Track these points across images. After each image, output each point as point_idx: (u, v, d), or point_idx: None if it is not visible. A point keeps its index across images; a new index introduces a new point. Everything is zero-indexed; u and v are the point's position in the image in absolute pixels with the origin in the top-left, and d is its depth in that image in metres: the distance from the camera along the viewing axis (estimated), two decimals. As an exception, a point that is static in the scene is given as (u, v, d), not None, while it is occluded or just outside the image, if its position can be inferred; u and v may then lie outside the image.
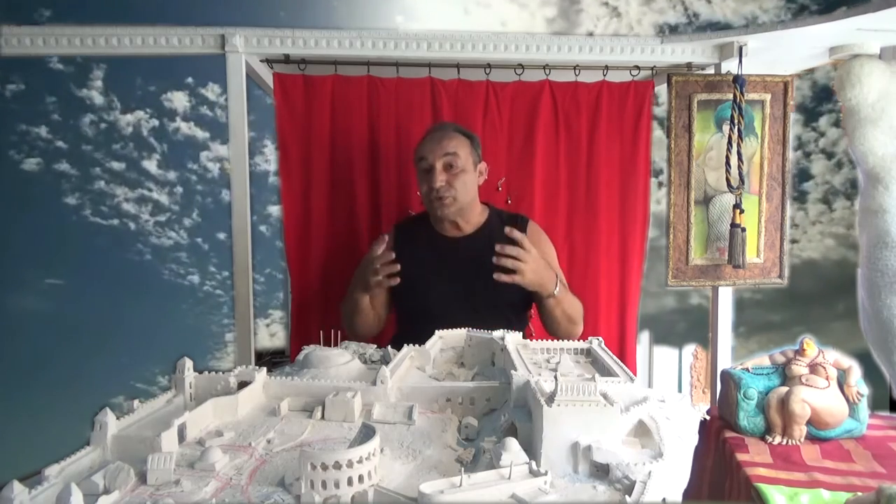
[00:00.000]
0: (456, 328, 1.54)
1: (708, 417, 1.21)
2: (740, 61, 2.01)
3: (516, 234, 1.82)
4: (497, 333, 1.47)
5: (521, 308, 2.08)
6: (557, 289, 1.91)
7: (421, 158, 2.02)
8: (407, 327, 2.10)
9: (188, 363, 1.19)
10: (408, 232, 2.14)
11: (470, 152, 2.04)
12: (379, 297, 2.04)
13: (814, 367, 1.11)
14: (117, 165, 6.92)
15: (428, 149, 2.00)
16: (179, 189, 7.16)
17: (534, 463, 0.87)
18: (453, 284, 2.00)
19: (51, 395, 6.12)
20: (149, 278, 7.09)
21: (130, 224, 7.04)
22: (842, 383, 1.12)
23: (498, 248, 1.80)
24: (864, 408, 1.12)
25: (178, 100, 7.06)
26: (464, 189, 2.01)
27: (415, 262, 2.04)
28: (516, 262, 1.80)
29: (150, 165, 7.02)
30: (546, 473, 0.85)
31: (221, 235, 7.08)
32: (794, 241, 6.95)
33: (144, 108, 6.88)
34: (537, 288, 1.89)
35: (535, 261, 1.84)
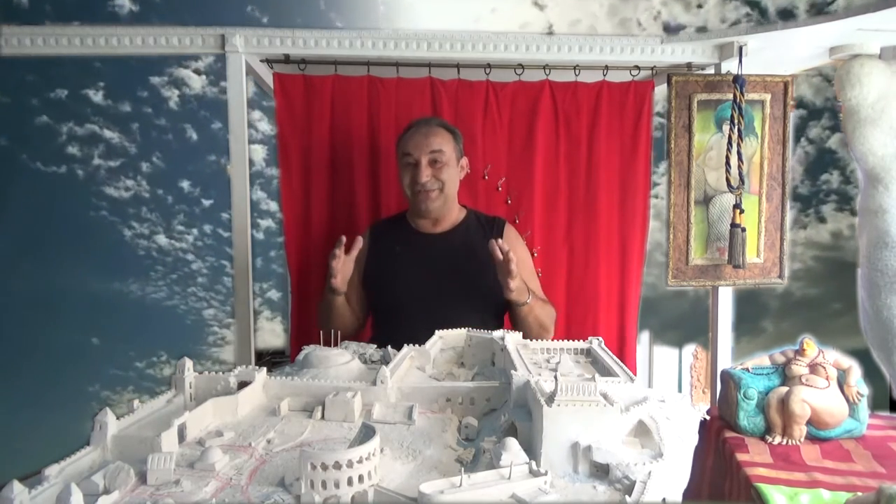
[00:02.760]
0: (430, 325, 1.54)
1: (708, 417, 1.21)
2: (740, 61, 2.01)
3: (500, 241, 1.84)
4: (497, 333, 1.47)
5: (496, 307, 2.09)
6: (530, 297, 1.94)
7: (406, 154, 2.04)
8: (383, 325, 2.11)
9: (188, 363, 1.19)
10: (383, 231, 2.16)
11: (454, 147, 2.08)
12: (355, 296, 2.05)
13: (814, 367, 1.11)
14: (56, 94, 5.39)
15: (413, 144, 2.03)
16: (136, 125, 5.80)
17: (534, 463, 0.87)
18: (428, 281, 2.02)
19: (11, 382, 5.12)
20: (108, 239, 5.85)
21: (79, 171, 5.70)
22: (842, 383, 1.12)
23: (500, 243, 1.82)
24: (864, 408, 1.12)
25: (123, 2, 5.60)
26: (449, 181, 2.05)
27: (390, 259, 2.06)
28: (511, 266, 1.81)
29: (96, 95, 5.55)
30: (546, 473, 0.85)
31: (185, 184, 6.00)
32: (845, 203, 6.48)
33: (82, 15, 5.39)
34: (518, 293, 1.89)
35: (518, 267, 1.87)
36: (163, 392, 1.17)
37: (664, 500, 0.85)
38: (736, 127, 2.01)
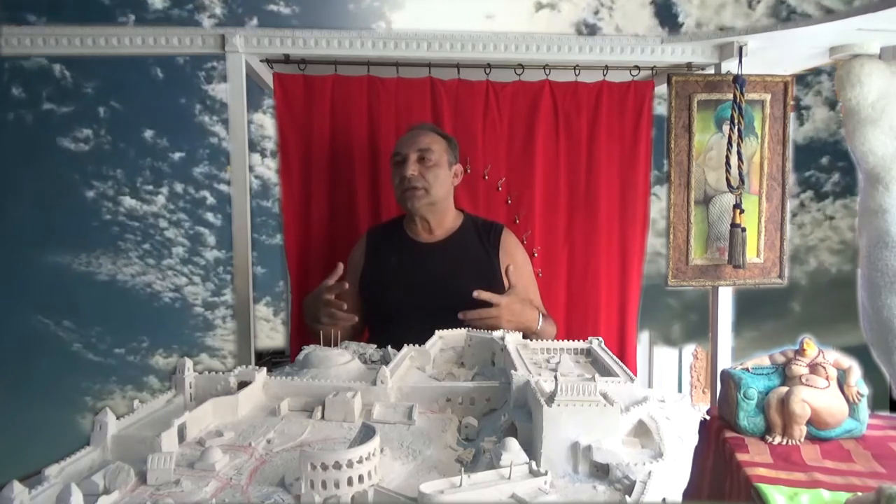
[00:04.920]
0: (426, 335, 1.52)
1: (708, 417, 1.21)
2: (740, 61, 2.01)
3: (483, 294, 1.76)
4: (497, 333, 1.47)
5: None
6: (540, 324, 1.88)
7: (396, 153, 2.05)
8: (377, 333, 2.09)
9: (188, 363, 1.19)
10: (380, 237, 2.15)
11: (445, 150, 2.06)
12: (353, 307, 1.93)
13: (814, 367, 1.11)
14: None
15: (402, 143, 2.05)
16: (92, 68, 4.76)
17: (534, 463, 0.87)
18: (424, 292, 1.99)
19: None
20: (69, 202, 4.89)
21: (26, 115, 4.64)
22: (842, 383, 1.12)
23: (461, 315, 1.73)
24: (864, 408, 1.12)
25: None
26: (436, 181, 2.01)
27: (386, 269, 2.04)
28: (491, 322, 1.74)
29: (41, 20, 3.84)
30: (546, 473, 0.85)
31: (149, 133, 4.99)
32: None
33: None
34: (522, 330, 1.80)
35: (508, 310, 1.78)
36: (149, 383, 1.17)
37: (664, 500, 0.85)
38: (736, 127, 2.01)
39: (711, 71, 2.19)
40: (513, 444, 0.91)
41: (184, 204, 5.45)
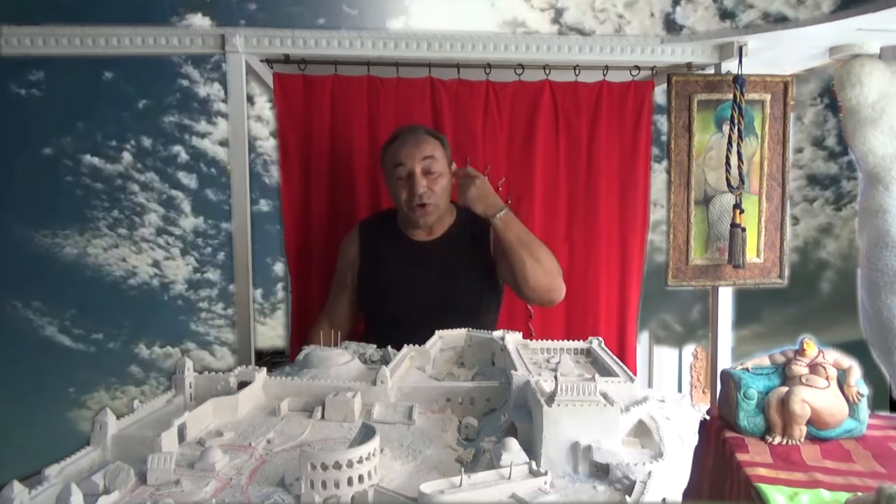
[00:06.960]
0: (425, 333, 1.53)
1: (708, 417, 1.21)
2: (740, 61, 2.00)
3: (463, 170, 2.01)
4: (497, 333, 1.47)
5: (489, 313, 2.09)
6: (504, 212, 1.96)
7: (398, 165, 1.99)
8: (374, 332, 2.10)
9: (188, 363, 1.19)
10: (374, 232, 2.14)
11: (443, 154, 2.05)
12: (347, 299, 2.10)
13: (814, 367, 1.11)
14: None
15: (405, 153, 1.98)
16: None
17: (534, 463, 0.87)
18: (421, 290, 2.00)
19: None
20: (25, 162, 4.17)
21: None
22: (842, 383, 1.12)
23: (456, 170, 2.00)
24: (864, 408, 1.12)
25: None
26: (443, 194, 2.03)
27: (382, 267, 2.05)
28: (469, 182, 1.95)
29: None
30: (546, 473, 0.85)
31: (109, 75, 4.27)
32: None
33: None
34: (490, 210, 1.96)
35: (482, 182, 1.99)
36: (133, 373, 1.17)
37: (664, 500, 0.85)
38: (736, 127, 2.01)
39: (711, 71, 2.18)
40: (513, 444, 0.91)
41: (153, 162, 4.74)
